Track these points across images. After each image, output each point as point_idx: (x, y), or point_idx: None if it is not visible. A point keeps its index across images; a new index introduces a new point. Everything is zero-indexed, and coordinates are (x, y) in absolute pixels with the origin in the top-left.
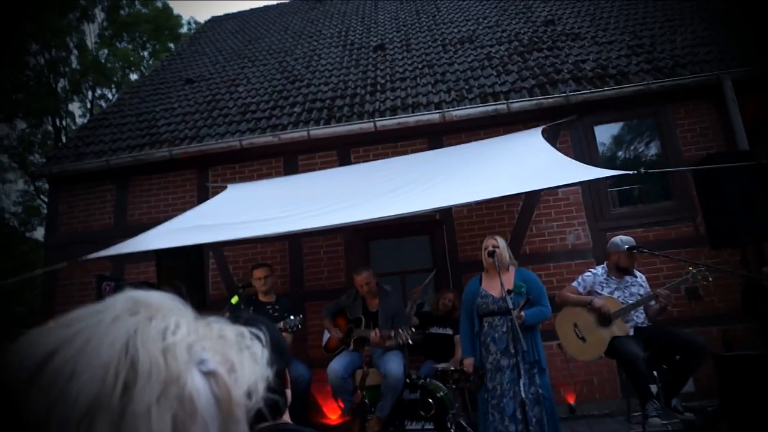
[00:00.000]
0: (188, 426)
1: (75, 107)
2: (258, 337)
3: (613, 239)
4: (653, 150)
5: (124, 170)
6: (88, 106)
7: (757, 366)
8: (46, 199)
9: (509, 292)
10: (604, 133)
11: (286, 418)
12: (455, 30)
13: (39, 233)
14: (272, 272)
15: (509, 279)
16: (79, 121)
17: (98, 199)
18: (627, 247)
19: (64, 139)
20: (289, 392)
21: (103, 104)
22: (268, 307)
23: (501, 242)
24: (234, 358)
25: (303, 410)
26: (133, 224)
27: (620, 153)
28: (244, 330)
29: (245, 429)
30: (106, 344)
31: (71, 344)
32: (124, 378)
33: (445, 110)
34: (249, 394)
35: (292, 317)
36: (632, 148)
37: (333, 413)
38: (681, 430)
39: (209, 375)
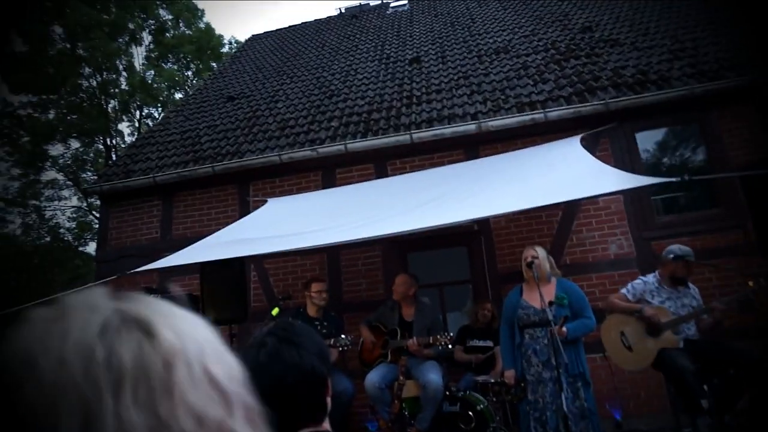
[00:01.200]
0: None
1: (124, 126)
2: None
3: (670, 247)
4: (699, 156)
5: (170, 186)
6: (136, 125)
7: None
8: (97, 215)
9: (551, 303)
10: (647, 140)
11: (327, 426)
12: (490, 40)
13: (91, 248)
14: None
15: (550, 290)
16: (128, 139)
17: (145, 214)
18: (676, 255)
19: (114, 157)
20: (329, 400)
21: (150, 123)
22: (317, 323)
23: (541, 252)
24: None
25: (344, 422)
26: (178, 238)
27: (664, 160)
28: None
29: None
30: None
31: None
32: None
33: (482, 121)
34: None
35: (343, 336)
36: (676, 154)
37: (372, 426)
38: None
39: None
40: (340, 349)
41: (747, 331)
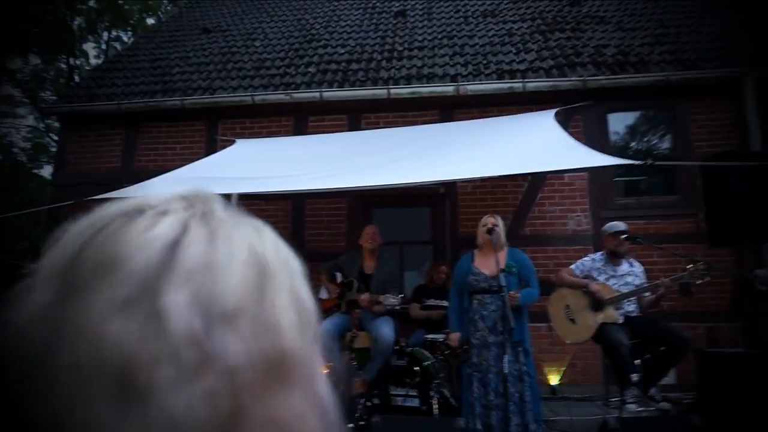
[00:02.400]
0: (312, 332)
1: (89, 47)
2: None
3: (606, 225)
4: (665, 143)
5: (135, 115)
6: (103, 47)
7: (733, 364)
8: (55, 137)
9: (501, 271)
10: (618, 122)
11: None
12: (479, 2)
13: (46, 171)
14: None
15: (502, 259)
16: (93, 62)
17: (107, 142)
18: (613, 231)
19: (77, 78)
20: None
21: (118, 47)
22: None
23: (500, 221)
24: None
25: None
26: (140, 170)
27: (633, 143)
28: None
29: None
30: (230, 244)
31: (188, 235)
32: (257, 276)
33: (460, 84)
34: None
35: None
36: (645, 139)
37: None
38: (655, 417)
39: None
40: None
41: (683, 315)
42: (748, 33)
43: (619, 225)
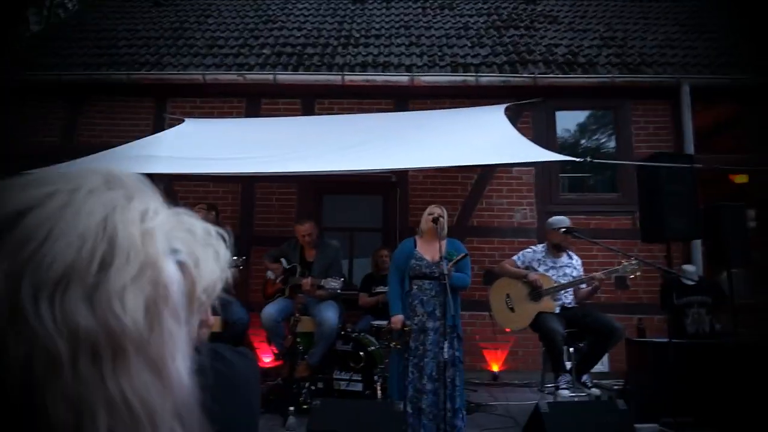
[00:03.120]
0: (161, 310)
1: (30, 14)
2: (223, 238)
3: (550, 219)
4: (609, 142)
5: (77, 88)
6: (45, 13)
7: (657, 352)
8: None
9: (441, 258)
10: (565, 120)
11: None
12: None
13: None
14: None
15: (442, 247)
16: (33, 29)
17: (47, 115)
18: (560, 228)
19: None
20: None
21: (62, 14)
22: None
23: (444, 213)
24: (199, 253)
25: None
26: (82, 145)
27: (578, 141)
28: (211, 228)
29: (197, 324)
30: (83, 213)
31: (45, 206)
32: (102, 253)
33: (415, 74)
34: (207, 291)
35: (234, 257)
36: (589, 137)
37: (267, 356)
38: (584, 402)
39: (180, 265)
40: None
41: (619, 307)
42: (687, 41)
43: (564, 220)
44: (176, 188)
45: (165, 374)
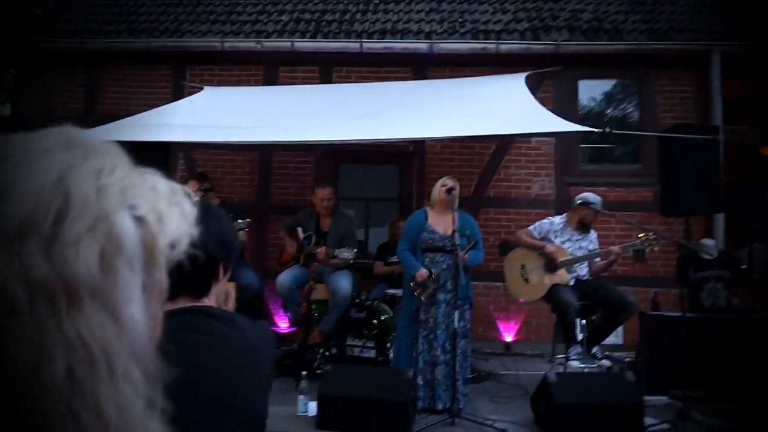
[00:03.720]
0: (114, 260)
1: None
2: (189, 196)
3: (584, 194)
4: (635, 112)
5: (98, 55)
6: None
7: (670, 326)
8: (13, 72)
9: (453, 232)
10: (588, 89)
11: (207, 302)
12: None
13: (6, 110)
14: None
15: (454, 220)
16: None
17: (68, 82)
18: (589, 203)
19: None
20: (219, 287)
21: None
22: None
23: (457, 185)
24: (163, 209)
25: (252, 316)
26: (103, 113)
27: (603, 110)
28: (177, 187)
29: (164, 275)
30: (38, 172)
31: (3, 165)
32: (57, 207)
33: (434, 41)
34: (173, 246)
35: (239, 221)
36: (612, 107)
37: (283, 323)
38: (593, 373)
39: (138, 220)
40: (238, 231)
41: (635, 280)
42: (719, 6)
43: (595, 198)
44: (195, 156)
45: (120, 318)
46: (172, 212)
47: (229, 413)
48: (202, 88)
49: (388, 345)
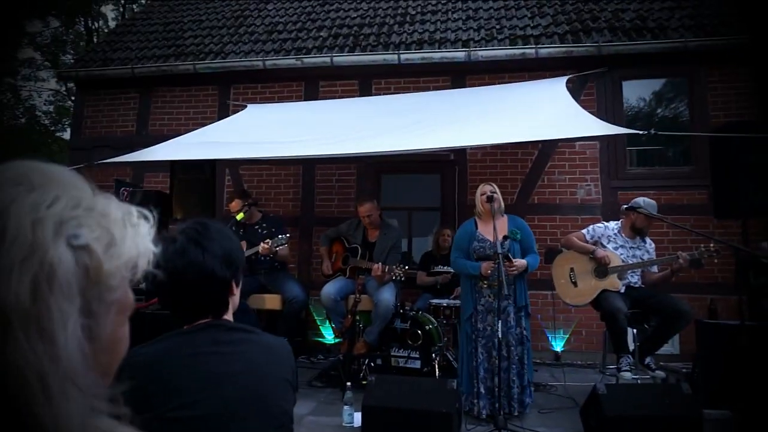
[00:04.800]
0: (46, 288)
1: (108, 10)
2: (146, 217)
3: (636, 200)
4: (682, 112)
5: (149, 80)
6: (121, 9)
7: (729, 335)
8: (72, 100)
9: (505, 237)
10: (634, 89)
11: (227, 317)
12: None
13: (69, 134)
14: (248, 201)
15: (503, 225)
16: (112, 24)
17: (122, 106)
18: (650, 211)
19: (96, 41)
20: (235, 299)
21: (135, 9)
22: (256, 227)
23: (497, 189)
24: (116, 233)
25: (298, 328)
26: (154, 134)
27: (648, 111)
28: (133, 209)
29: (124, 294)
30: None
31: None
32: None
33: (472, 49)
34: (132, 265)
35: (280, 236)
36: (662, 107)
37: (328, 333)
38: (646, 385)
39: (80, 248)
40: (276, 247)
41: (691, 286)
42: None
43: (647, 202)
44: (241, 171)
45: (55, 342)
46: (127, 234)
47: (256, 412)
48: (245, 106)
49: (434, 355)
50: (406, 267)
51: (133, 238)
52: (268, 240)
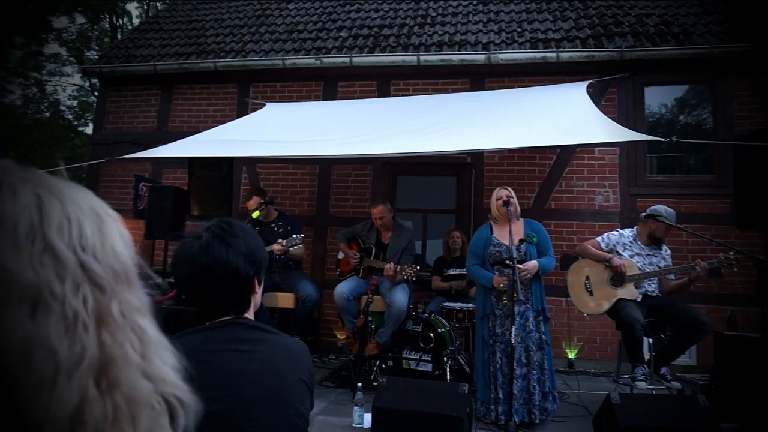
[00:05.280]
0: (57, 264)
1: (132, 7)
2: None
3: (656, 207)
4: (705, 119)
5: (170, 77)
6: (145, 7)
7: (748, 348)
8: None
9: (521, 241)
10: (655, 96)
11: (249, 315)
12: None
13: (91, 129)
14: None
15: (519, 229)
16: (136, 21)
17: (143, 102)
18: (661, 216)
19: (120, 37)
20: (257, 297)
21: (159, 6)
22: (272, 225)
23: (513, 193)
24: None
25: (311, 326)
26: (174, 131)
27: (670, 117)
28: (105, 206)
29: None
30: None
31: None
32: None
33: (491, 52)
34: (114, 255)
35: (295, 236)
36: (684, 114)
37: (341, 333)
38: (660, 396)
39: (77, 234)
40: (290, 246)
41: (712, 297)
42: None
43: (668, 211)
44: (258, 170)
45: (69, 317)
46: (108, 227)
47: (273, 411)
48: (264, 105)
49: (445, 358)
50: (417, 267)
51: (111, 232)
52: (281, 240)
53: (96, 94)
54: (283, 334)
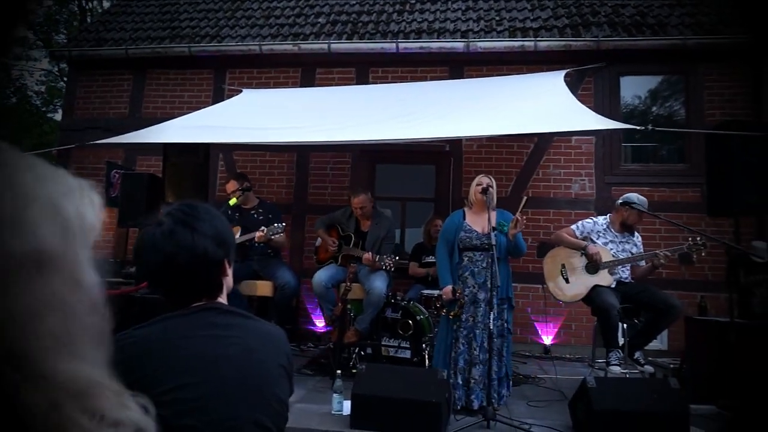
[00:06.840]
0: (69, 234)
1: None
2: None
3: (629, 195)
4: (678, 109)
5: (143, 61)
6: None
7: (717, 332)
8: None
9: (493, 229)
10: (631, 86)
11: (222, 300)
12: None
13: (60, 115)
14: (245, 184)
15: (492, 218)
16: (106, 4)
17: (115, 87)
18: (632, 203)
19: (89, 21)
20: (228, 280)
21: None
22: (252, 212)
23: (493, 182)
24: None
25: (290, 314)
26: (147, 117)
27: (644, 108)
28: (84, 182)
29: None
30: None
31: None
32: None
33: (470, 40)
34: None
35: (276, 224)
36: (657, 104)
37: (319, 321)
38: (634, 379)
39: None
40: (272, 235)
41: (682, 283)
42: None
43: (640, 199)
44: (235, 157)
45: (80, 280)
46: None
47: (252, 396)
48: (240, 91)
49: (424, 345)
50: (396, 258)
51: (90, 207)
52: (263, 228)
53: (65, 79)
54: (260, 319)
